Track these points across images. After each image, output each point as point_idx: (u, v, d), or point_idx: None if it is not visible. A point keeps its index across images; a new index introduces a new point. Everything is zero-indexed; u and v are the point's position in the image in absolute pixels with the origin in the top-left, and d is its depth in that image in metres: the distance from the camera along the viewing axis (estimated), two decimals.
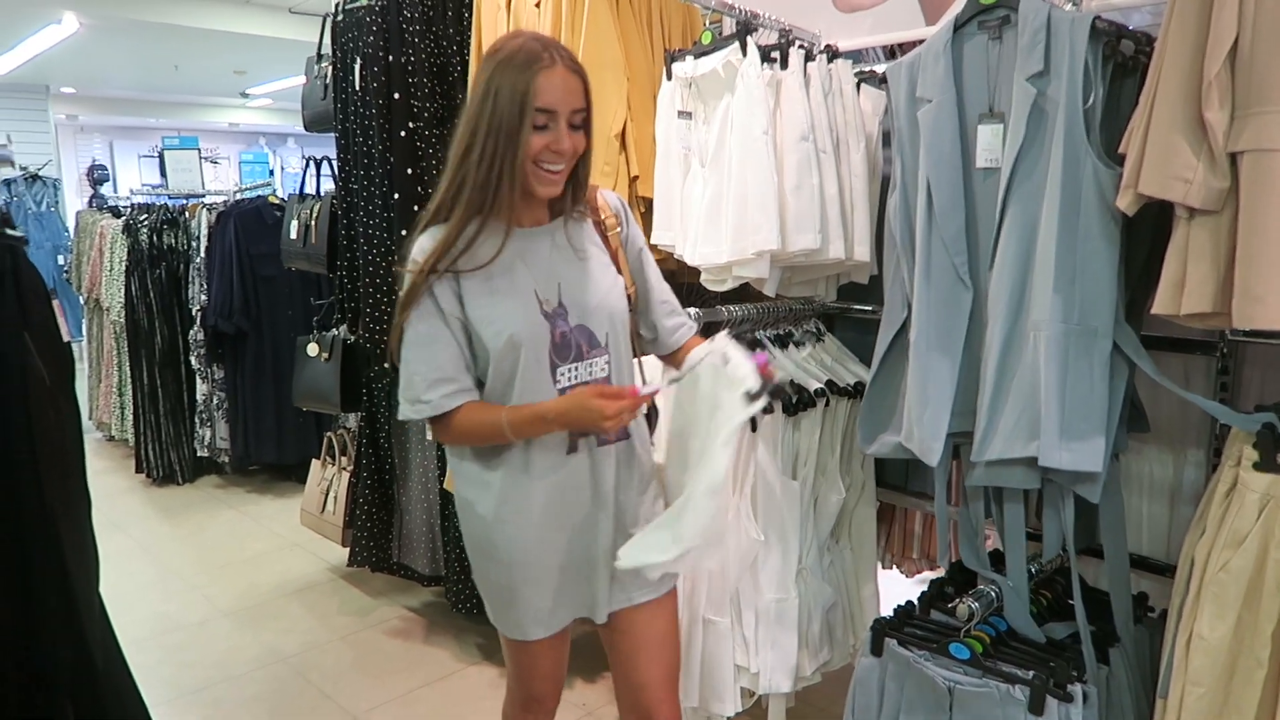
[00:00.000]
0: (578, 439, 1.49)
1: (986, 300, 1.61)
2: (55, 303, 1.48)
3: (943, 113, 1.62)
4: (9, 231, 1.24)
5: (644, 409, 1.55)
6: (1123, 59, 1.52)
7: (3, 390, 1.13)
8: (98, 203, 8.26)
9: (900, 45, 2.37)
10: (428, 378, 1.44)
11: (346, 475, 3.35)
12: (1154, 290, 1.41)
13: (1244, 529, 1.37)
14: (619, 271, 1.56)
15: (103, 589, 1.61)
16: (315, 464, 3.54)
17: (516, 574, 1.52)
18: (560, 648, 1.64)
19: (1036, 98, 1.51)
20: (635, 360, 1.63)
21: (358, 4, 2.80)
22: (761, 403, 1.37)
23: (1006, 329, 1.56)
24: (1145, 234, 1.55)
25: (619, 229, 1.60)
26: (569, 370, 1.47)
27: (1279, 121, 1.22)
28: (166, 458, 4.81)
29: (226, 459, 4.72)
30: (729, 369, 1.42)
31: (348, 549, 3.27)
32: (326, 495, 3.42)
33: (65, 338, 1.48)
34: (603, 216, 1.58)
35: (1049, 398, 1.49)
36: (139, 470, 4.92)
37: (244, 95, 10.83)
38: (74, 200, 10.32)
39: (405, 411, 1.48)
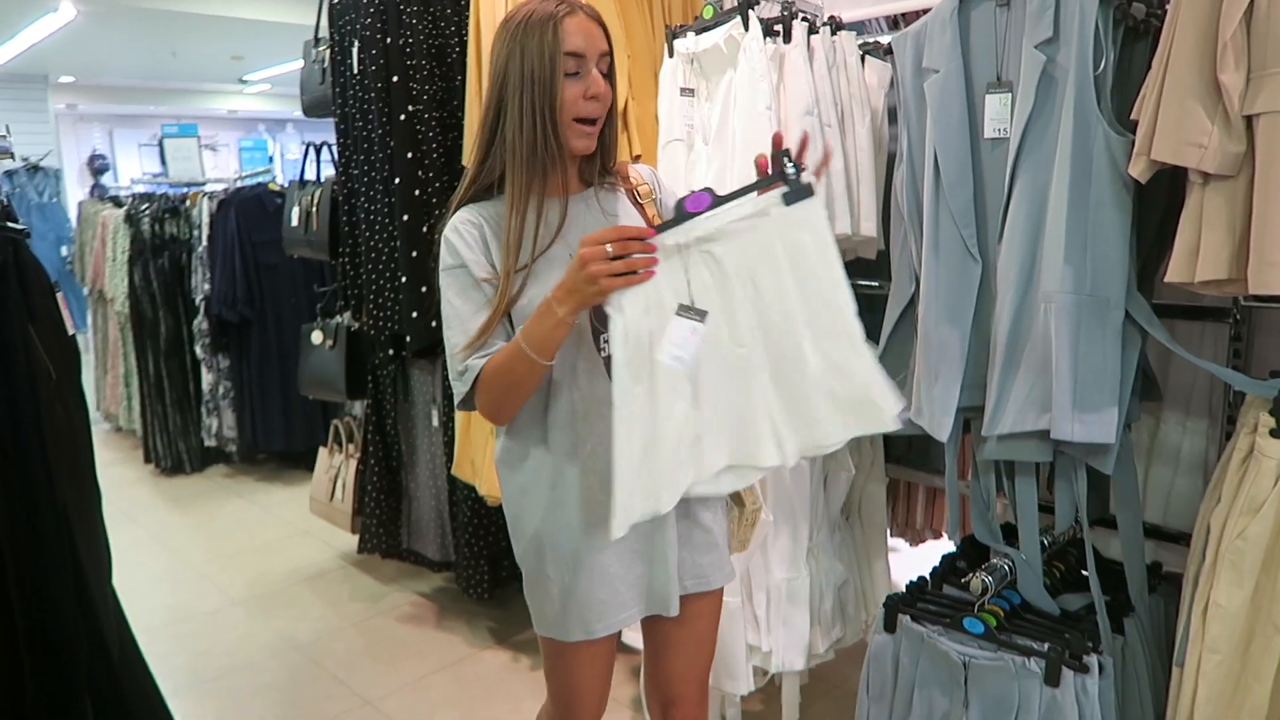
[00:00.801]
0: None
1: (995, 273, 1.59)
2: (59, 295, 1.47)
3: (950, 83, 1.60)
4: (10, 224, 1.23)
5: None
6: (1134, 23, 1.49)
7: (10, 386, 1.12)
8: (99, 192, 8.24)
9: (904, 15, 2.33)
10: (463, 347, 1.37)
11: (354, 463, 3.35)
12: (1165, 258, 1.39)
13: (1261, 496, 1.36)
14: None
15: (114, 580, 1.61)
16: (322, 452, 3.54)
17: (577, 565, 1.41)
18: (610, 654, 1.53)
19: (1046, 65, 1.48)
20: None
21: None
22: (807, 175, 1.22)
23: (1017, 301, 1.54)
24: (1157, 201, 1.52)
25: (654, 196, 1.53)
26: (601, 339, 1.38)
27: None
28: (175, 448, 4.82)
29: (234, 448, 4.73)
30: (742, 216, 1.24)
31: (357, 536, 3.28)
32: (335, 483, 3.42)
33: (70, 330, 1.48)
34: (635, 184, 1.52)
35: (1061, 370, 1.47)
36: (147, 461, 4.94)
37: (242, 81, 10.78)
38: (75, 190, 10.31)
39: (457, 390, 1.38)
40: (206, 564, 3.66)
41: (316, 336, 3.35)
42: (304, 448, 4.59)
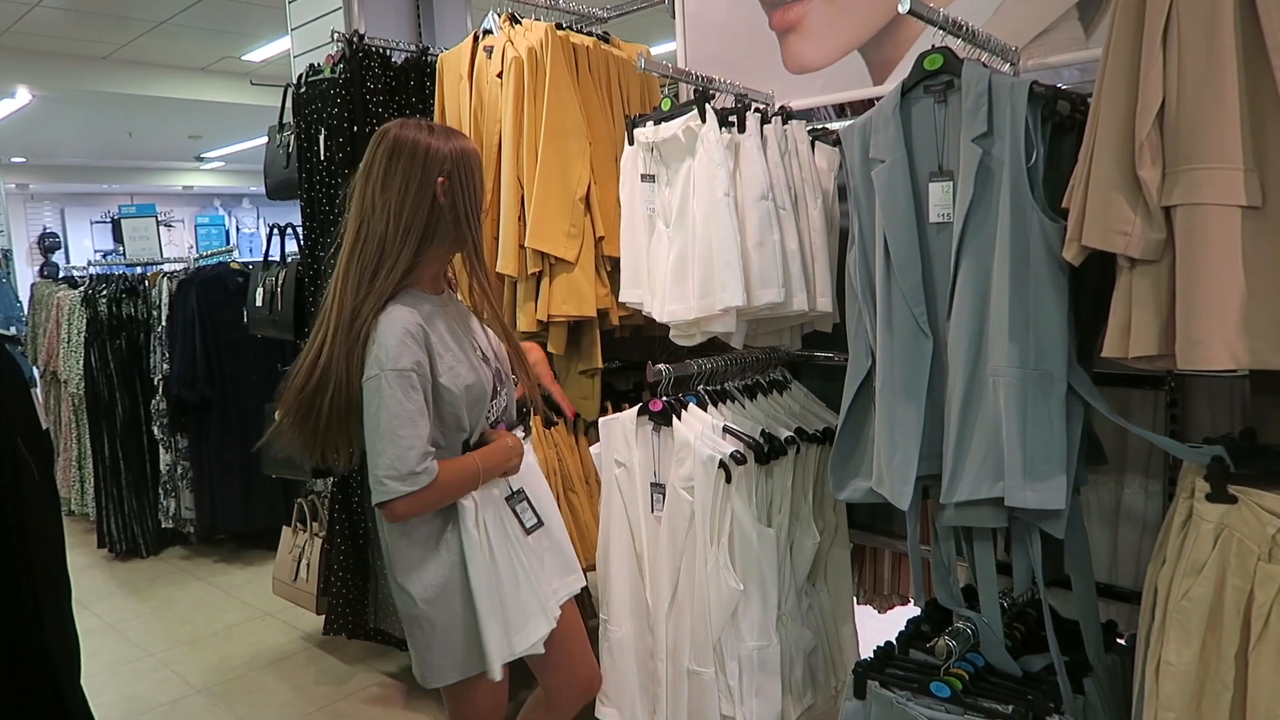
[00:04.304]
0: None
1: (946, 348, 1.68)
2: (34, 390, 1.49)
3: (895, 172, 1.71)
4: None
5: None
6: (1060, 118, 1.62)
7: None
8: (49, 271, 8.13)
9: (849, 104, 2.47)
10: (419, 450, 1.58)
11: (319, 542, 3.32)
12: (1102, 332, 1.49)
13: (1201, 558, 1.43)
14: None
15: None
16: (286, 531, 3.50)
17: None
18: None
19: (982, 157, 1.59)
20: None
21: (320, 76, 2.86)
22: None
23: (967, 375, 1.63)
24: (1090, 280, 1.63)
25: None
26: (494, 404, 1.80)
27: (1207, 177, 1.31)
28: (130, 531, 4.72)
29: (192, 529, 4.64)
30: None
31: (323, 617, 3.23)
32: (299, 563, 3.38)
33: (44, 425, 1.49)
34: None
35: (1011, 440, 1.55)
36: (101, 545, 4.82)
37: (199, 159, 10.81)
38: (24, 269, 10.16)
39: (396, 489, 1.57)
40: (166, 651, 3.57)
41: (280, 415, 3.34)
42: (265, 526, 4.52)
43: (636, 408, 2.10)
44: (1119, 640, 1.88)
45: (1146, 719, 1.52)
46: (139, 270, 5.27)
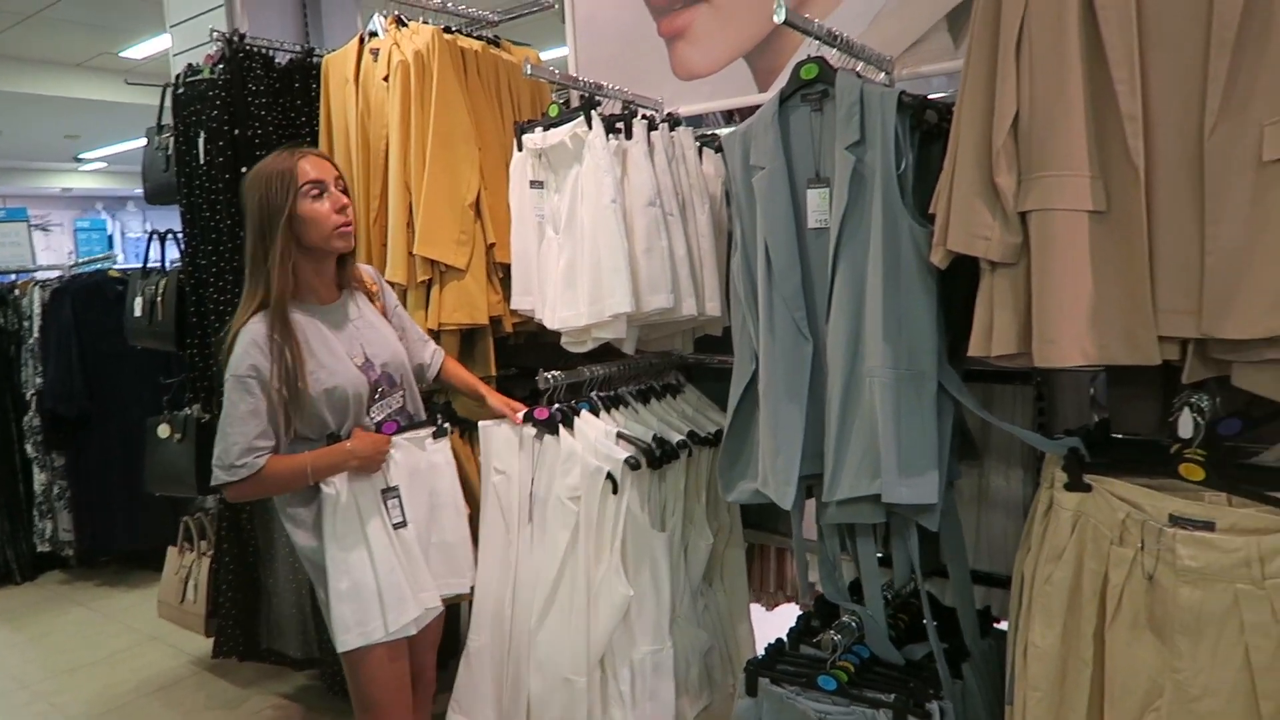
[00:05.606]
0: None
1: (826, 350, 1.72)
2: None
3: (775, 179, 1.74)
4: None
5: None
6: (928, 127, 1.68)
7: None
8: None
9: (737, 110, 2.52)
10: (243, 446, 1.75)
11: (207, 561, 3.20)
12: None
13: (1061, 544, 1.51)
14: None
15: None
16: (172, 551, 3.36)
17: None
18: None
19: (855, 164, 1.64)
20: None
21: (199, 77, 2.75)
22: None
23: (845, 376, 1.67)
24: (961, 282, 1.70)
25: (379, 294, 2.06)
26: (380, 405, 1.93)
27: (1057, 184, 1.38)
28: (2, 556, 4.44)
29: (71, 552, 4.40)
30: None
31: (212, 639, 3.11)
32: (186, 584, 3.25)
33: None
34: (369, 286, 2.03)
35: (886, 438, 1.61)
36: None
37: (77, 159, 10.27)
38: None
39: (220, 476, 1.77)
40: (42, 682, 3.38)
41: (164, 430, 3.20)
42: (150, 546, 4.31)
43: (521, 413, 2.09)
44: (995, 625, 1.97)
45: (1017, 699, 1.60)
46: (10, 278, 4.97)
